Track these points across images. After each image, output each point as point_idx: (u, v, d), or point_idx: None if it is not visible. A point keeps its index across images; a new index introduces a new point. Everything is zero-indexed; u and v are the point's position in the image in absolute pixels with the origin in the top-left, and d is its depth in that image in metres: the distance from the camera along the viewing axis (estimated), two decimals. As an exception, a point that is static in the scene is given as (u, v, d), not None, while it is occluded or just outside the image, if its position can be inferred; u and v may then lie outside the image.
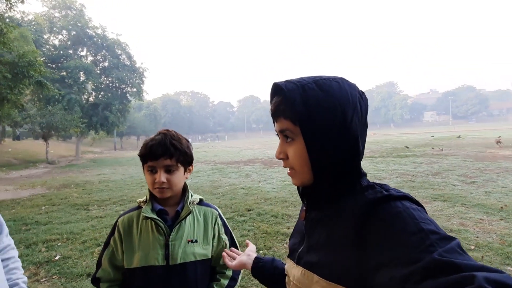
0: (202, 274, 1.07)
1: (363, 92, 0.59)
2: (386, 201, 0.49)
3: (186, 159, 1.06)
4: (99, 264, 1.08)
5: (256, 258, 0.88)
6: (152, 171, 1.02)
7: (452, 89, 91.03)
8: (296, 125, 0.56)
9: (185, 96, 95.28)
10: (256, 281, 1.58)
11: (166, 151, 1.00)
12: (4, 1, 7.63)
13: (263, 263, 0.84)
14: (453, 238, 0.42)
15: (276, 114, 0.60)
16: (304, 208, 0.66)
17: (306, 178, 0.59)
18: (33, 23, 23.42)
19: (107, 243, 1.08)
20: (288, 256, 0.70)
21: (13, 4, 8.05)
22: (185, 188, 1.12)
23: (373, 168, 9.88)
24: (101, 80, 26.49)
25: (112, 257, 1.06)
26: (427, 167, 9.55)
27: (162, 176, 1.00)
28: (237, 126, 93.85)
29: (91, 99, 26.27)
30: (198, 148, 29.95)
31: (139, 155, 1.05)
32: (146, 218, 1.03)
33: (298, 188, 0.64)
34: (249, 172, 10.43)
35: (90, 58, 27.38)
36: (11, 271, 0.98)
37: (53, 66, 23.81)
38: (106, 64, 27.38)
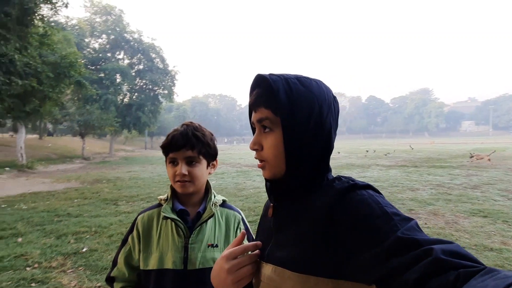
0: None
1: (336, 96, 0.61)
2: (352, 190, 0.52)
3: (209, 152, 0.99)
4: (114, 263, 1.02)
5: None
6: (174, 163, 0.97)
7: (493, 97, 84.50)
8: (276, 115, 0.56)
9: (213, 99, 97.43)
10: None
11: (188, 141, 0.95)
12: (50, 6, 8.22)
13: None
14: (412, 219, 0.46)
15: (257, 103, 0.59)
16: (271, 204, 0.64)
17: (277, 170, 0.58)
18: (76, 27, 25.25)
19: (125, 241, 1.02)
20: None
21: (57, 8, 8.67)
22: (208, 188, 1.04)
23: (405, 178, 9.30)
24: (136, 82, 27.83)
25: (128, 256, 0.99)
26: (465, 179, 8.82)
27: (183, 168, 0.94)
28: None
29: (125, 99, 27.66)
30: (224, 150, 30.34)
31: (161, 147, 1.00)
32: (166, 218, 0.96)
33: (266, 184, 0.64)
34: (273, 176, 10.30)
35: (126, 61, 28.91)
36: None
37: (93, 68, 25.39)
38: (141, 67, 28.73)
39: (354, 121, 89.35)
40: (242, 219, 1.07)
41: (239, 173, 11.42)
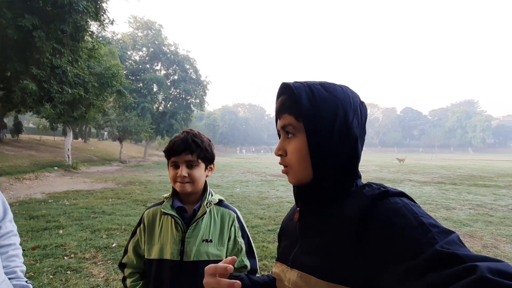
0: None
1: (363, 102, 0.61)
2: (385, 197, 0.49)
3: (206, 156, 1.10)
4: (125, 251, 1.16)
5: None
6: (175, 166, 1.08)
7: (551, 111, 76.00)
8: (299, 121, 0.57)
9: (242, 108, 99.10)
10: None
11: (188, 147, 1.06)
12: (98, 23, 9.16)
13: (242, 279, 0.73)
14: (452, 232, 0.42)
15: (281, 110, 0.61)
16: (298, 209, 0.64)
17: (302, 175, 0.58)
18: (120, 41, 27.44)
19: (134, 233, 1.16)
20: (279, 260, 0.66)
21: (105, 25, 9.62)
22: (205, 188, 1.14)
23: (441, 196, 8.72)
24: (170, 91, 29.37)
25: (136, 246, 1.13)
26: (512, 200, 8.04)
27: (183, 171, 1.05)
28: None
29: (160, 108, 29.22)
30: (251, 159, 30.57)
31: (164, 152, 1.11)
32: (165, 214, 1.08)
33: (293, 188, 0.63)
34: (298, 186, 10.20)
35: (163, 72, 30.66)
36: (10, 258, 0.95)
37: (133, 78, 27.28)
38: (176, 77, 30.29)
39: (388, 134, 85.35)
40: (237, 217, 1.16)
41: (264, 182, 11.47)
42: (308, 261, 0.55)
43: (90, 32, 9.57)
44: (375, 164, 23.53)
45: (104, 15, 9.13)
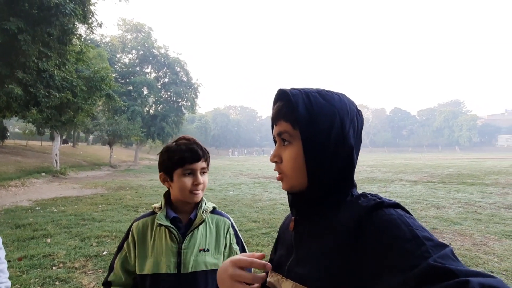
0: (212, 284, 1.04)
1: (360, 110, 0.61)
2: (379, 208, 0.49)
3: (209, 163, 1.11)
4: (111, 268, 1.08)
5: None
6: (190, 173, 1.03)
7: (534, 110, 78.74)
8: (295, 128, 0.56)
9: (234, 110, 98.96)
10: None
11: (204, 154, 1.06)
12: (86, 26, 9.00)
13: None
14: (446, 245, 0.42)
15: (277, 117, 0.60)
16: (293, 218, 0.63)
17: (296, 183, 0.58)
18: (109, 44, 27.06)
19: (120, 247, 1.08)
20: (274, 270, 0.65)
21: (93, 28, 9.46)
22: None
23: (431, 195, 8.88)
24: (161, 94, 29.09)
25: (124, 261, 1.06)
26: (499, 198, 8.24)
27: (200, 178, 1.03)
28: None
29: (151, 111, 28.91)
30: (243, 161, 30.53)
31: (177, 158, 1.02)
32: (160, 225, 1.03)
33: (288, 197, 0.63)
34: (291, 188, 10.23)
35: (153, 75, 30.36)
36: None
37: (122, 81, 26.91)
38: (166, 80, 30.04)
39: (378, 134, 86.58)
40: (231, 224, 1.15)
41: (257, 184, 11.46)
42: (303, 271, 0.55)
43: (78, 35, 9.39)
44: (366, 164, 23.81)
45: (92, 17, 8.98)
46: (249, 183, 11.68)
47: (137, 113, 24.47)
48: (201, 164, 1.04)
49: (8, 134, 22.07)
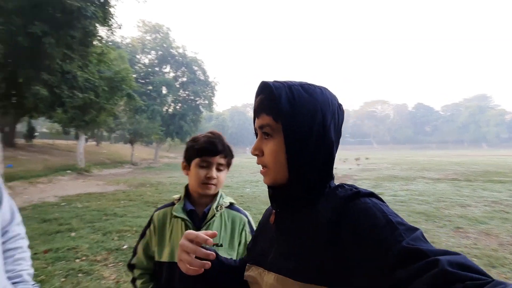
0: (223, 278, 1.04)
1: (341, 104, 0.61)
2: (356, 198, 0.51)
3: (230, 162, 1.12)
4: (134, 252, 1.14)
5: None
6: (205, 166, 1.06)
7: None
8: (277, 122, 0.57)
9: (251, 108, 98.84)
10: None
11: (224, 150, 1.07)
12: (107, 28, 9.32)
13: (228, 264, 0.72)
14: (417, 228, 0.45)
15: (259, 110, 0.60)
16: (274, 211, 0.64)
17: (278, 176, 0.59)
18: (129, 45, 27.87)
19: (143, 234, 1.14)
20: (253, 263, 0.65)
21: (113, 30, 9.78)
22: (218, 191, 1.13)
23: (455, 193, 8.48)
24: (179, 93, 29.65)
25: (146, 247, 1.11)
26: (531, 197, 7.75)
27: (214, 172, 1.05)
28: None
29: (170, 110, 29.53)
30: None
31: (196, 148, 1.06)
32: (176, 217, 1.06)
33: (268, 190, 0.64)
34: (308, 185, 10.13)
35: (172, 74, 30.96)
36: (16, 262, 0.92)
37: (143, 81, 27.65)
38: (184, 79, 30.55)
39: (399, 131, 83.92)
40: (248, 222, 1.13)
41: (274, 181, 11.42)
42: (284, 264, 0.56)
43: (99, 37, 9.73)
44: (387, 162, 23.14)
45: (112, 19, 9.26)
46: (266, 181, 11.67)
47: (157, 112, 25.08)
48: (219, 159, 1.06)
49: (37, 133, 23.32)
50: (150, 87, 26.82)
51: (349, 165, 19.59)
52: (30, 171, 11.19)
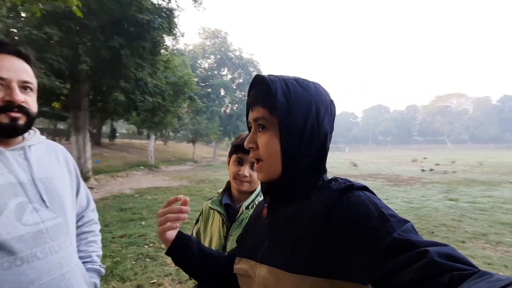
0: None
1: (333, 100, 0.62)
2: (349, 190, 0.52)
3: None
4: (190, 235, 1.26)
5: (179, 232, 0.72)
6: (239, 163, 1.10)
7: None
8: (272, 114, 0.57)
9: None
10: None
11: None
12: (171, 37, 10.24)
13: (190, 241, 0.71)
14: (408, 221, 0.47)
15: (254, 103, 0.60)
16: (266, 204, 0.65)
17: (273, 170, 0.58)
18: (192, 52, 30.00)
19: (197, 220, 1.27)
20: (245, 256, 0.66)
21: (177, 39, 10.69)
22: (255, 189, 1.14)
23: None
24: (236, 94, 30.83)
25: (198, 232, 1.23)
26: None
27: (246, 170, 1.08)
28: (360, 137, 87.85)
29: (227, 110, 30.93)
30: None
31: (232, 144, 1.13)
32: (212, 209, 1.13)
33: (261, 184, 0.64)
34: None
35: (229, 76, 32.40)
36: (88, 244, 1.03)
37: (203, 84, 29.55)
38: (240, 80, 31.67)
39: (481, 128, 72.65)
40: None
41: (330, 182, 11.03)
42: (277, 256, 0.56)
43: (165, 46, 10.72)
44: (463, 164, 20.26)
45: (176, 29, 10.11)
46: (321, 181, 11.36)
47: (215, 113, 26.52)
48: (251, 158, 1.06)
49: (117, 134, 26.84)
50: (210, 90, 28.51)
51: (416, 167, 17.73)
52: (112, 166, 12.95)
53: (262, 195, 1.12)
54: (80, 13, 3.15)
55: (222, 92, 29.30)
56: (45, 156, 0.90)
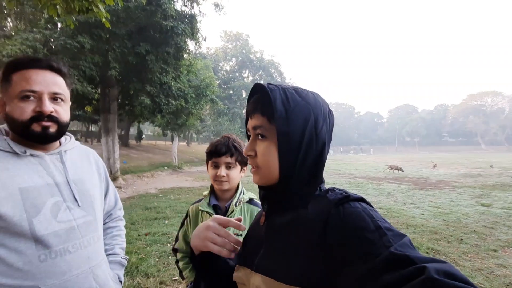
0: None
1: (331, 110, 0.62)
2: (346, 201, 0.52)
3: (243, 160, 1.23)
4: (176, 238, 1.35)
5: None
6: (215, 166, 1.22)
7: None
8: (271, 123, 0.58)
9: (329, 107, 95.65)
10: None
11: (228, 150, 1.20)
12: (194, 42, 10.54)
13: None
14: (405, 235, 0.46)
15: (253, 111, 0.61)
16: (264, 212, 0.65)
17: (269, 177, 0.59)
18: (214, 55, 30.61)
19: (182, 224, 1.35)
20: (241, 264, 0.66)
21: (200, 43, 10.98)
22: (238, 187, 1.26)
23: None
24: (257, 95, 31.06)
25: (185, 234, 1.32)
26: None
27: (223, 171, 1.20)
28: (385, 138, 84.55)
29: (248, 112, 31.23)
30: (338, 160, 29.15)
31: (206, 152, 1.26)
32: (201, 210, 1.23)
33: (259, 191, 0.65)
34: (392, 191, 9.18)
35: (250, 78, 32.66)
36: (113, 237, 1.13)
37: (224, 86, 30.07)
38: (261, 82, 31.80)
39: (521, 128, 67.33)
40: None
41: (352, 184, 10.77)
42: (272, 265, 0.56)
43: (188, 51, 11.06)
44: (499, 167, 18.93)
45: (198, 33, 10.39)
46: (344, 183, 11.12)
47: (237, 114, 26.85)
48: (225, 159, 1.19)
49: (144, 136, 27.95)
50: (231, 92, 28.94)
51: (447, 169, 16.84)
52: (139, 167, 13.52)
53: (245, 193, 1.24)
54: (108, 24, 3.35)
55: (244, 94, 29.60)
56: (78, 160, 1.00)
